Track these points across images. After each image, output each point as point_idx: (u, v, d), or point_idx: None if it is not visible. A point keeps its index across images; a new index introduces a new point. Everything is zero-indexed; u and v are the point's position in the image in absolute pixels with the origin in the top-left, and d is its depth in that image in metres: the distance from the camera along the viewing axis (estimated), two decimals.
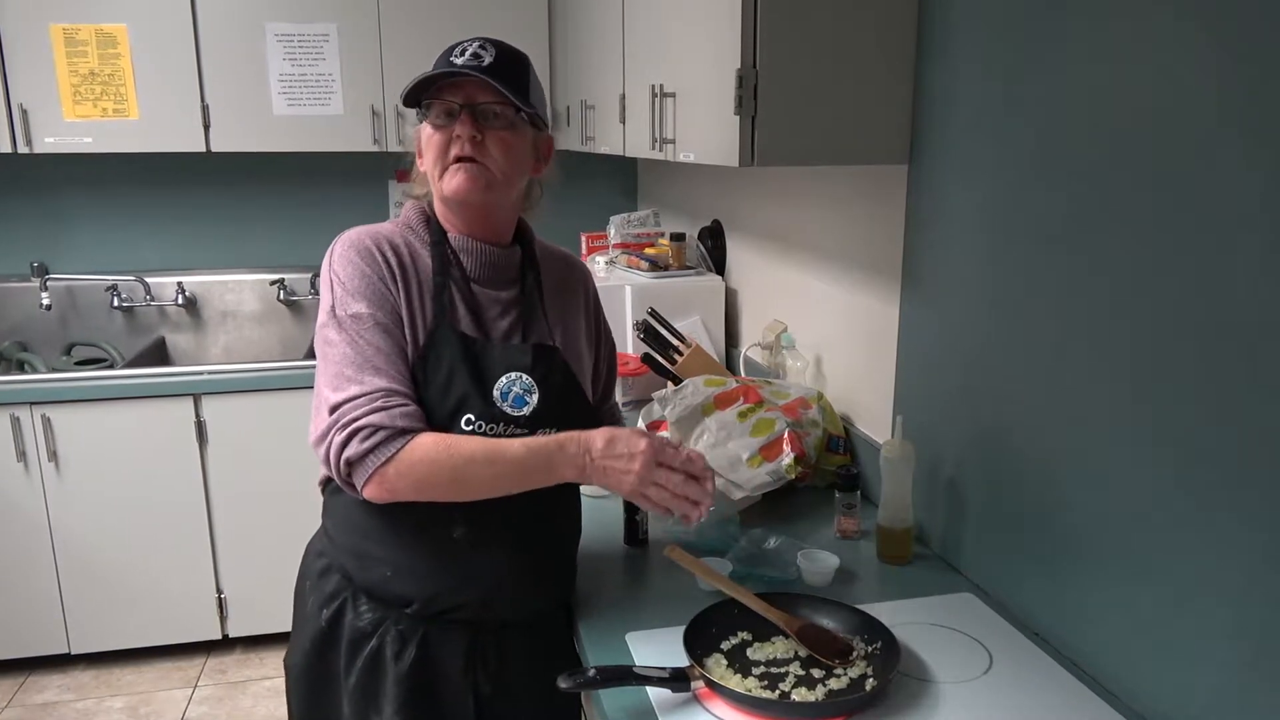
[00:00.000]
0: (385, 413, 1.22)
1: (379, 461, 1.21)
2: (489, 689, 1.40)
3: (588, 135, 2.83)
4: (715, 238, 2.82)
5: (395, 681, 1.36)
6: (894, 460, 1.60)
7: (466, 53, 1.28)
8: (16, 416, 2.79)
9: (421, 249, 1.36)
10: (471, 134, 1.28)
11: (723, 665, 1.29)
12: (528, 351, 1.35)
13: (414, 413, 1.25)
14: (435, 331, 1.31)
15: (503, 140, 1.30)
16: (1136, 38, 1.16)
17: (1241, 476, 1.05)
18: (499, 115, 1.29)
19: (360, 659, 1.37)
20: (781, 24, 1.52)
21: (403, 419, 1.23)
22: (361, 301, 1.28)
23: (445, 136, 1.29)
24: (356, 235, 1.34)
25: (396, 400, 1.24)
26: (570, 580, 1.52)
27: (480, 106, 1.28)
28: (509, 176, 1.33)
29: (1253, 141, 1.01)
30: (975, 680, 1.27)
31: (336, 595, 1.40)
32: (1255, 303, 1.02)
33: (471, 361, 1.31)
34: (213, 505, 2.99)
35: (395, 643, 1.36)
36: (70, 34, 2.93)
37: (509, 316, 1.38)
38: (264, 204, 3.53)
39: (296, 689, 1.46)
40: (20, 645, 2.98)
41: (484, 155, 1.29)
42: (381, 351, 1.27)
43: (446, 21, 3.13)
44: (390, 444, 1.21)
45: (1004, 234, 1.44)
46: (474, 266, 1.37)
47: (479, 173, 1.29)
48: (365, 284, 1.30)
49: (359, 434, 1.22)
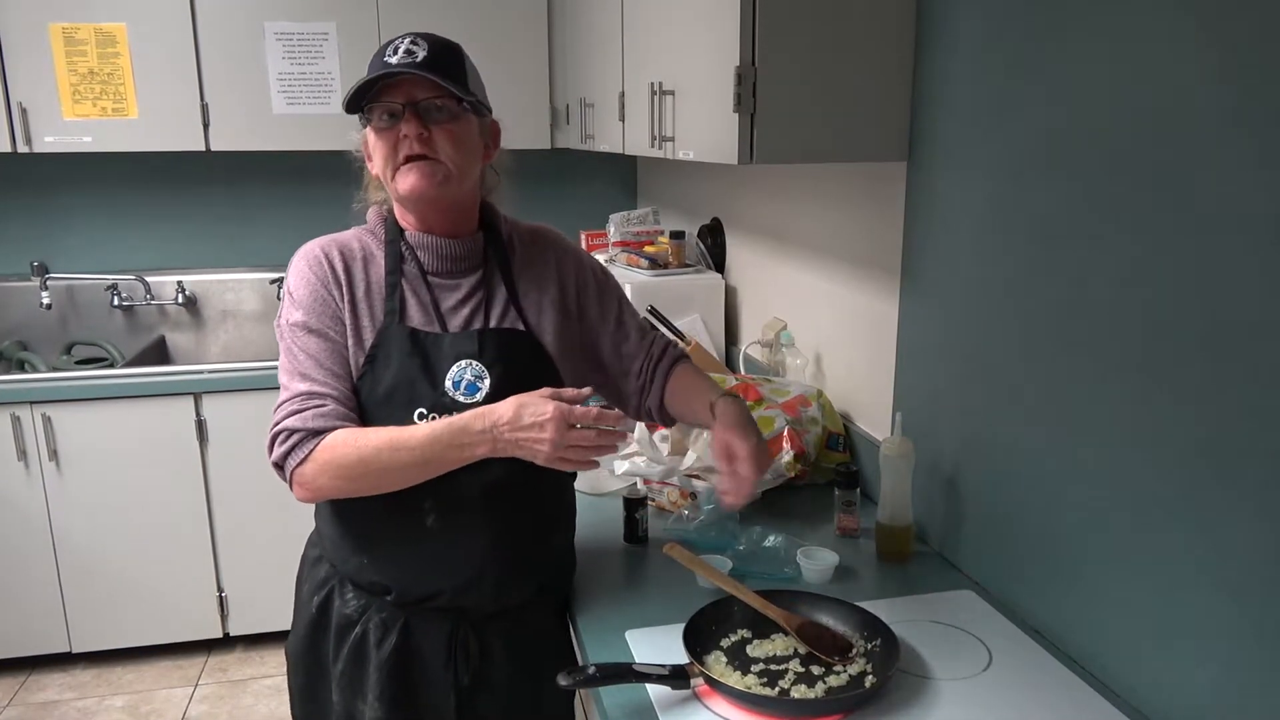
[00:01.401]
0: (299, 415, 1.27)
1: (295, 463, 1.26)
2: (469, 680, 1.41)
3: (587, 133, 2.82)
4: (715, 235, 2.82)
5: (377, 668, 1.39)
6: (893, 458, 1.60)
7: (399, 50, 1.27)
8: (17, 416, 2.79)
9: (378, 250, 1.38)
10: (419, 131, 1.27)
11: (722, 663, 1.29)
12: (474, 338, 1.35)
13: (331, 412, 1.28)
14: (385, 330, 1.33)
15: (450, 133, 1.30)
16: (1136, 34, 1.16)
17: (1241, 473, 1.05)
18: (441, 109, 1.29)
19: (346, 646, 1.41)
20: (780, 21, 1.52)
21: (316, 419, 1.26)
22: (299, 310, 1.33)
23: (392, 138, 1.29)
24: (310, 245, 1.38)
25: (314, 402, 1.28)
26: (559, 572, 1.52)
27: (422, 103, 1.28)
28: (461, 168, 1.32)
29: (1253, 139, 1.01)
30: (975, 677, 1.27)
31: (325, 583, 1.44)
32: (1255, 299, 1.02)
33: (422, 355, 1.32)
34: (213, 504, 2.99)
35: (378, 630, 1.39)
36: (70, 33, 2.93)
37: (469, 303, 1.38)
38: (264, 203, 3.54)
39: (295, 675, 1.50)
40: (21, 644, 2.98)
41: (433, 151, 1.29)
42: (311, 357, 1.31)
43: (445, 19, 3.12)
44: (304, 445, 1.26)
45: (1003, 231, 1.44)
46: (431, 260, 1.38)
47: (432, 169, 1.30)
48: (308, 291, 1.33)
49: (278, 439, 1.28)
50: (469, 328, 1.37)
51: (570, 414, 1.21)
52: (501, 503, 1.35)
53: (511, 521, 1.37)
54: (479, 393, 1.33)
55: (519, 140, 3.19)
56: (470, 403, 1.31)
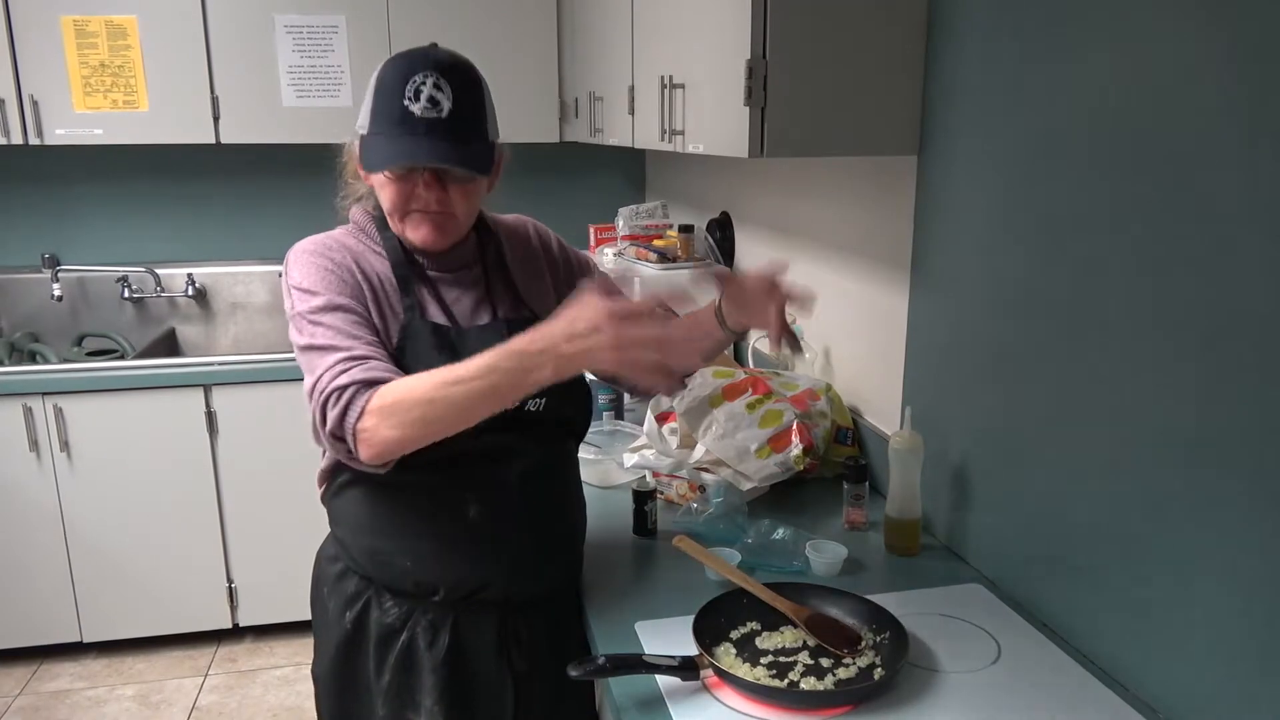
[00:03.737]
0: (346, 373, 1.19)
1: (354, 419, 1.17)
2: (524, 666, 1.41)
3: (596, 127, 2.82)
4: (724, 229, 2.82)
5: (431, 671, 1.37)
6: (902, 451, 1.61)
7: (421, 97, 1.23)
8: (29, 406, 2.81)
9: (372, 251, 1.35)
10: (438, 196, 1.27)
11: (731, 654, 1.29)
12: (501, 328, 1.32)
13: (379, 366, 1.21)
14: (408, 326, 1.30)
15: (465, 192, 1.29)
16: (1147, 29, 1.16)
17: (1250, 468, 1.05)
18: (461, 174, 1.28)
19: (392, 655, 1.37)
20: (791, 14, 1.52)
21: (366, 372, 1.19)
22: (316, 293, 1.27)
23: (405, 190, 1.27)
24: (305, 243, 1.34)
25: (356, 362, 1.20)
26: (579, 557, 1.53)
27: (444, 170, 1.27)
28: (471, 217, 1.33)
29: (1264, 136, 1.01)
30: (983, 670, 1.27)
31: (359, 596, 1.40)
32: (1263, 295, 1.02)
33: (450, 350, 1.29)
34: (223, 495, 3.00)
35: (427, 633, 1.37)
36: (81, 26, 2.94)
37: (472, 294, 1.38)
38: (273, 195, 3.54)
39: (326, 697, 1.46)
40: (33, 633, 3.00)
41: (448, 207, 1.28)
42: (339, 330, 1.23)
43: (455, 13, 3.12)
44: (358, 398, 1.17)
45: (1013, 225, 1.44)
46: (429, 259, 1.37)
47: (445, 224, 1.29)
48: (321, 275, 1.28)
49: (329, 402, 1.18)
50: (476, 318, 1.37)
51: (618, 309, 1.10)
52: (536, 487, 1.35)
53: (546, 505, 1.38)
54: None
55: (527, 134, 3.22)
56: None
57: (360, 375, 1.18)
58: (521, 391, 1.16)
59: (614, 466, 1.94)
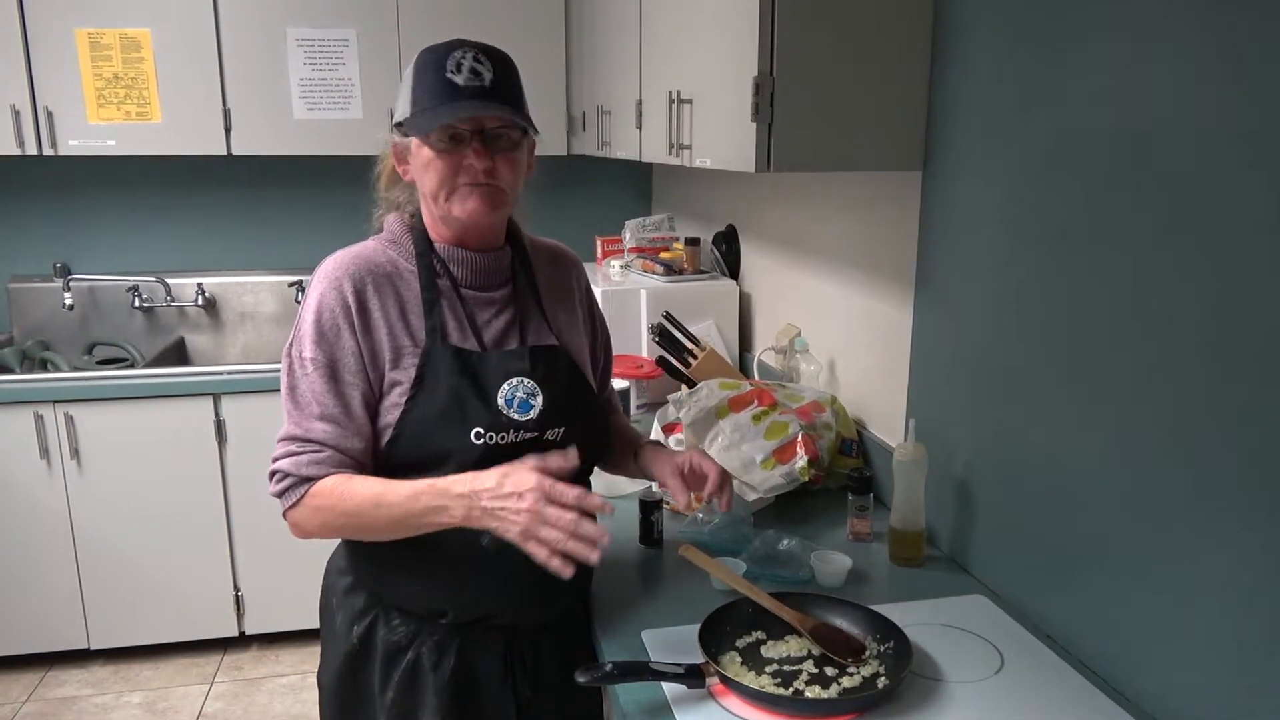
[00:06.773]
0: (293, 460, 1.27)
1: (288, 504, 1.28)
2: (529, 690, 1.41)
3: (604, 140, 2.85)
4: (729, 242, 2.84)
5: (435, 692, 1.37)
6: (906, 463, 1.62)
7: (464, 69, 1.24)
8: (40, 414, 2.83)
9: (407, 264, 1.35)
10: (486, 164, 1.26)
11: (737, 662, 1.30)
12: (525, 355, 1.34)
13: (326, 459, 1.26)
14: (429, 350, 1.30)
15: (511, 161, 1.29)
16: (1150, 42, 1.18)
17: (1251, 479, 1.06)
18: (507, 137, 1.29)
19: (397, 673, 1.38)
20: (798, 31, 1.54)
21: (309, 466, 1.26)
22: (309, 343, 1.28)
23: (454, 162, 1.27)
24: (334, 266, 1.32)
25: (309, 448, 1.27)
26: (589, 585, 1.53)
27: (490, 131, 1.26)
28: (516, 192, 1.33)
29: (1265, 149, 1.03)
30: (986, 680, 1.28)
31: (367, 611, 1.40)
32: (1266, 305, 1.03)
33: (470, 375, 1.29)
34: (231, 504, 3.02)
35: (433, 653, 1.37)
36: (95, 38, 2.98)
37: (503, 317, 1.38)
38: (283, 206, 3.58)
39: (330, 706, 1.47)
40: (41, 640, 3.02)
41: (496, 178, 1.28)
42: (315, 398, 1.28)
43: (465, 26, 3.13)
44: (294, 491, 1.27)
45: (1017, 239, 1.46)
46: (464, 274, 1.36)
47: (494, 196, 1.29)
48: (318, 326, 1.28)
49: (273, 478, 1.29)
50: (504, 343, 1.36)
51: (552, 489, 1.15)
52: None
53: None
54: (532, 410, 1.31)
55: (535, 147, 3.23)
56: (524, 420, 1.30)
57: (304, 470, 1.27)
58: (428, 528, 1.23)
59: (620, 477, 1.95)
